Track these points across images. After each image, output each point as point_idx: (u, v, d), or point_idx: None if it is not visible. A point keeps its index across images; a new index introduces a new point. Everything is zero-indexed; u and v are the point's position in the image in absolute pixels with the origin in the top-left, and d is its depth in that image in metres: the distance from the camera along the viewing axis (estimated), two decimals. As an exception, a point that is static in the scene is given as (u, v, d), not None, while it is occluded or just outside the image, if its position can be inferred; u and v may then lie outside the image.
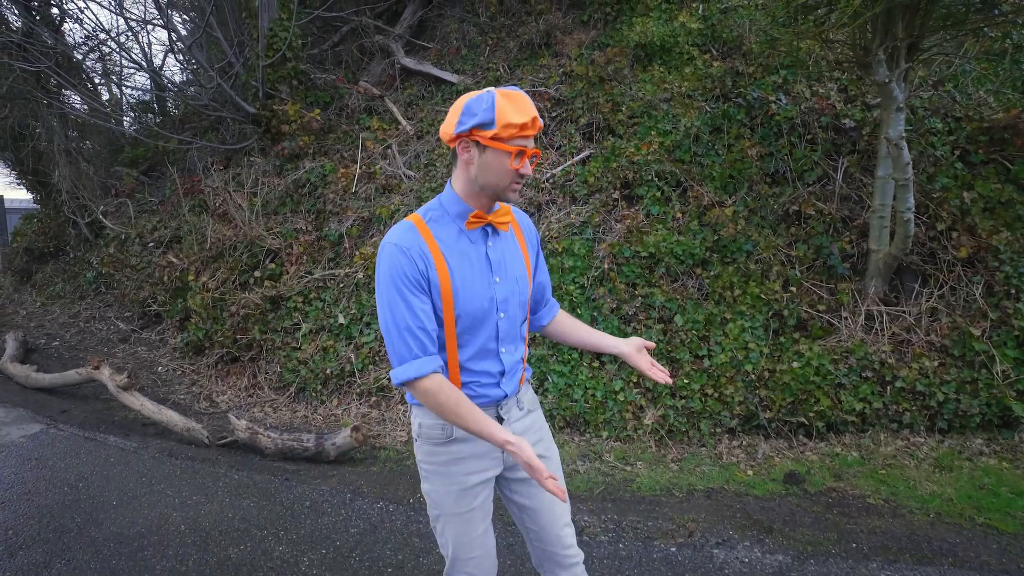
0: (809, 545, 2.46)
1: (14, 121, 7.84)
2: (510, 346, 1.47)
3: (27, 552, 2.48)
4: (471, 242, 1.41)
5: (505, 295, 1.43)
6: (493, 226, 1.43)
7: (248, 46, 7.42)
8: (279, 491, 3.03)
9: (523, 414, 1.53)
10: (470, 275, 1.38)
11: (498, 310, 1.42)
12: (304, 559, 2.40)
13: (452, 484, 1.45)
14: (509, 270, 1.45)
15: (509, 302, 1.44)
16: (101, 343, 6.44)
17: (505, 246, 1.47)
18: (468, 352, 1.41)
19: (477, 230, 1.42)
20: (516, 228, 1.53)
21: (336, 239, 5.61)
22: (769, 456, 3.52)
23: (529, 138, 1.34)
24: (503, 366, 1.45)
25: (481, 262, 1.41)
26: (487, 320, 1.41)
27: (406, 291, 1.32)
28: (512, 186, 1.36)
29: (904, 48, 3.59)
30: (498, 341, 1.44)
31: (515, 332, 1.48)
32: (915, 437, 3.54)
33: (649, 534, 2.56)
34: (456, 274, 1.37)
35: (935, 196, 4.25)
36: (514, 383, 1.49)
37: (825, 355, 3.79)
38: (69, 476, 3.20)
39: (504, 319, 1.43)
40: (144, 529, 2.65)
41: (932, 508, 2.79)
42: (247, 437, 3.77)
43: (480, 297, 1.38)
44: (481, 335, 1.41)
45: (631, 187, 4.97)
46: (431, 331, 1.35)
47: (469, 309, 1.38)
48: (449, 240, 1.38)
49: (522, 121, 1.29)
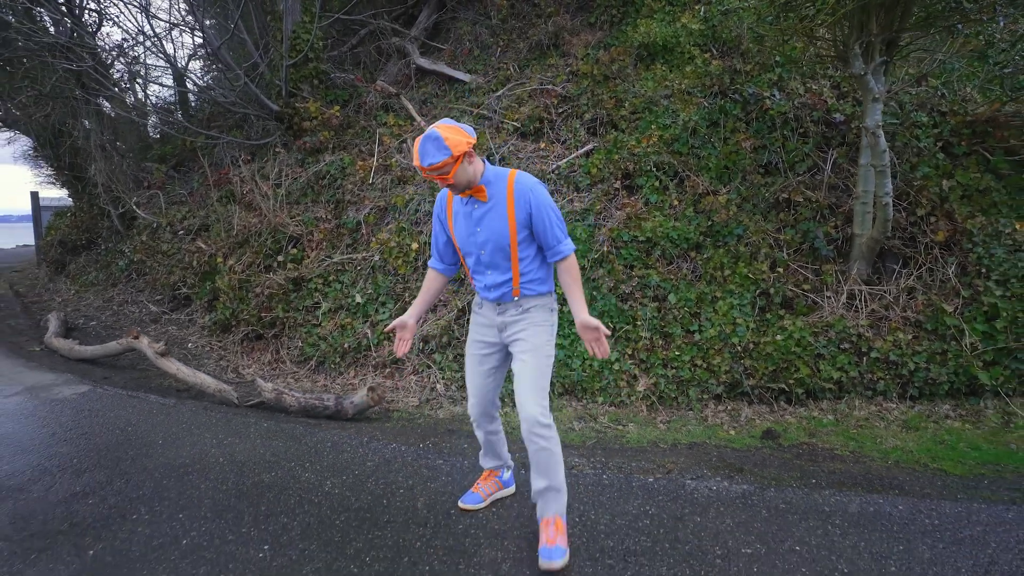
0: (773, 480, 2.75)
1: (55, 119, 8.35)
2: (494, 271, 2.21)
3: (91, 474, 2.85)
4: (463, 204, 2.21)
5: (482, 240, 2.17)
6: (475, 197, 2.16)
7: (272, 47, 7.86)
8: (303, 435, 3.38)
9: (518, 313, 2.22)
10: (461, 224, 2.23)
11: (479, 247, 2.19)
12: (327, 483, 2.75)
13: (471, 334, 2.39)
14: (488, 224, 2.15)
15: (487, 245, 2.17)
16: (134, 323, 6.88)
17: (486, 209, 2.15)
18: (469, 267, 2.30)
19: (466, 198, 2.19)
20: (510, 196, 2.12)
21: (354, 226, 5.99)
22: (751, 419, 3.81)
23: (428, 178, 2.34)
24: (486, 281, 2.24)
25: (468, 217, 2.20)
26: (471, 253, 2.24)
27: (434, 221, 2.37)
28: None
29: (880, 43, 3.89)
30: (483, 266, 2.23)
31: (496, 263, 2.19)
32: (887, 403, 3.81)
33: (631, 471, 2.87)
34: (455, 221, 2.26)
35: (916, 184, 4.52)
36: (500, 293, 2.22)
37: (807, 329, 4.07)
38: (119, 422, 3.59)
39: (485, 254, 2.20)
40: (188, 460, 3.02)
41: (892, 457, 3.07)
42: (273, 398, 4.13)
43: (465, 238, 2.22)
44: (471, 260, 2.26)
45: (631, 177, 5.29)
46: (439, 248, 2.39)
47: (461, 244, 2.26)
48: (457, 201, 2.24)
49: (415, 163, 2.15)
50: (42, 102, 8.08)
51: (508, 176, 2.14)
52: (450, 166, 2.00)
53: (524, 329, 2.20)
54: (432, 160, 1.97)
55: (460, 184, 2.06)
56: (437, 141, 1.96)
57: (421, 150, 1.97)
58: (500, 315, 2.24)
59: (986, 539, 2.22)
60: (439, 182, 2.04)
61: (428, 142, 1.96)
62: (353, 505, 2.53)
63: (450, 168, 2.00)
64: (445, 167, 1.99)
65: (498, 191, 2.12)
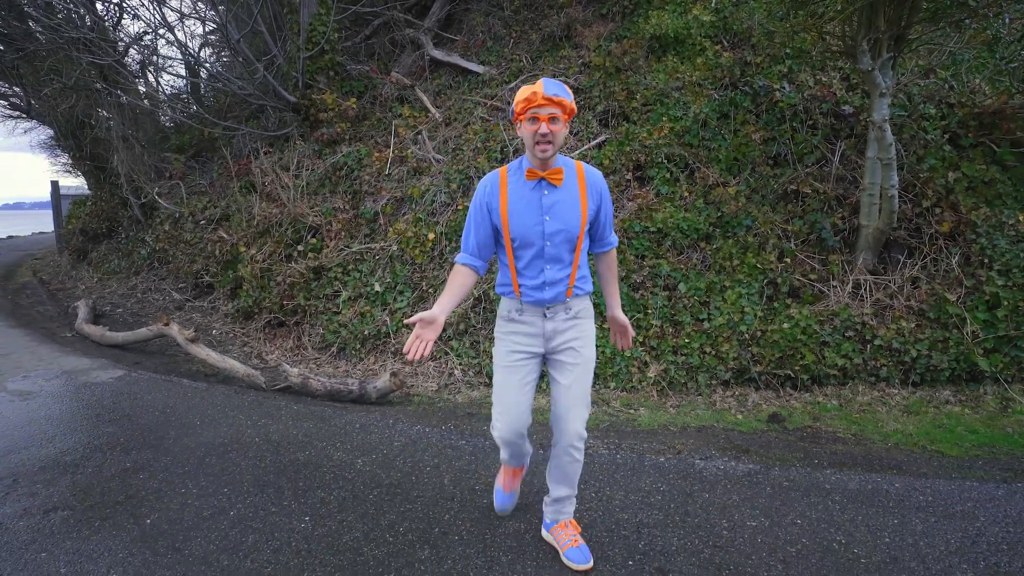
0: (777, 460, 2.92)
1: (79, 111, 8.55)
2: (555, 265, 1.98)
3: (138, 452, 3.07)
4: (530, 190, 1.96)
5: (552, 230, 1.94)
6: (547, 180, 1.94)
7: (289, 39, 8.00)
8: (332, 417, 3.58)
9: (568, 316, 2.06)
10: (523, 211, 1.95)
11: (545, 239, 1.95)
12: (358, 461, 2.95)
13: (503, 347, 2.10)
14: (560, 213, 1.94)
15: (556, 236, 1.95)
16: (159, 311, 7.12)
17: (560, 196, 1.95)
18: (522, 263, 2.00)
19: (534, 181, 1.95)
20: (582, 183, 1.99)
21: (371, 216, 6.16)
22: (758, 404, 3.97)
23: (539, 107, 1.84)
24: (545, 278, 1.99)
25: (535, 204, 1.95)
26: (534, 244, 1.96)
27: (475, 211, 2.02)
28: (537, 147, 1.87)
29: (888, 39, 3.98)
30: (543, 260, 1.97)
31: (560, 256, 1.98)
32: (890, 389, 3.96)
33: (643, 452, 3.05)
34: (512, 208, 1.96)
35: (922, 176, 4.62)
36: (556, 292, 2.00)
37: (813, 317, 4.21)
38: (157, 404, 3.81)
39: (550, 246, 1.96)
40: (227, 440, 3.23)
41: (892, 440, 3.22)
42: (299, 382, 4.34)
43: (529, 227, 1.94)
44: (530, 253, 1.97)
45: (643, 169, 5.42)
46: (479, 241, 2.02)
47: (519, 234, 1.96)
48: (516, 185, 1.98)
49: (524, 97, 1.87)
50: (66, 94, 8.27)
51: (576, 165, 2.02)
52: (565, 114, 1.88)
53: (577, 338, 2.06)
54: (560, 92, 1.84)
55: (556, 144, 1.88)
56: (563, 86, 1.88)
57: (548, 82, 1.84)
58: (550, 320, 2.04)
59: (976, 514, 2.38)
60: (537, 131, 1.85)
61: (554, 82, 1.86)
62: (384, 481, 2.73)
63: (562, 118, 1.87)
64: (567, 108, 1.87)
65: (570, 178, 1.98)
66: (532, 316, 2.04)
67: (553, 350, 2.07)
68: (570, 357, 2.05)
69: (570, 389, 2.04)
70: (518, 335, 2.07)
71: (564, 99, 1.85)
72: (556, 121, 1.86)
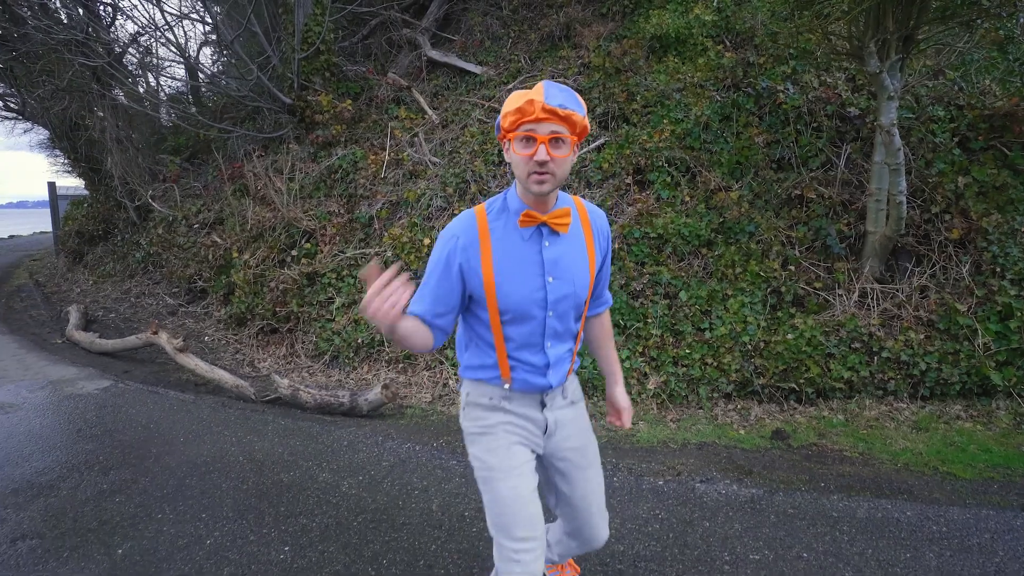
0: (782, 483, 2.80)
1: (72, 112, 8.44)
2: (556, 342, 1.49)
3: (117, 472, 2.96)
4: (523, 240, 1.41)
5: (558, 296, 1.42)
6: (549, 226, 1.41)
7: (284, 40, 7.87)
8: (320, 434, 3.47)
9: (566, 403, 1.59)
10: (517, 272, 1.40)
11: (548, 308, 1.43)
12: (344, 483, 2.83)
13: (496, 442, 1.50)
14: (566, 271, 1.43)
15: (562, 303, 1.44)
16: (152, 316, 7.01)
17: (566, 247, 1.44)
18: (514, 344, 1.46)
19: (531, 228, 1.41)
20: (586, 228, 1.49)
21: (367, 221, 6.04)
22: (761, 418, 3.84)
23: (537, 122, 1.28)
24: (547, 359, 1.48)
25: (532, 261, 1.41)
26: (533, 317, 1.43)
27: (438, 268, 1.41)
28: (532, 177, 1.31)
29: (896, 40, 3.84)
30: (544, 337, 1.46)
31: (565, 330, 1.49)
32: (898, 403, 3.82)
33: (641, 473, 2.92)
34: (501, 268, 1.39)
35: (931, 181, 4.48)
36: (560, 374, 1.52)
37: (818, 328, 4.07)
38: (141, 419, 3.70)
39: (553, 317, 1.44)
40: (209, 459, 3.11)
41: (901, 460, 3.09)
42: (289, 394, 4.22)
43: (525, 295, 1.40)
44: (526, 329, 1.44)
45: (643, 172, 5.29)
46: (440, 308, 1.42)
47: (513, 304, 1.40)
48: (503, 234, 1.41)
49: (515, 107, 1.29)
50: (58, 96, 8.17)
51: (576, 203, 1.52)
52: (574, 134, 1.33)
53: (580, 433, 1.61)
54: (568, 103, 1.30)
55: (559, 177, 1.33)
56: (572, 93, 1.33)
57: (550, 88, 1.30)
58: (548, 410, 1.55)
59: (994, 547, 2.25)
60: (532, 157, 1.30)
61: (559, 88, 1.32)
62: (370, 506, 2.61)
63: (569, 139, 1.32)
64: (577, 125, 1.32)
65: (574, 223, 1.48)
66: (525, 406, 1.52)
67: (555, 452, 1.58)
68: (576, 457, 1.60)
69: (588, 496, 1.62)
70: (514, 427, 1.52)
71: (573, 112, 1.29)
72: (560, 144, 1.30)
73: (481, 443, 1.52)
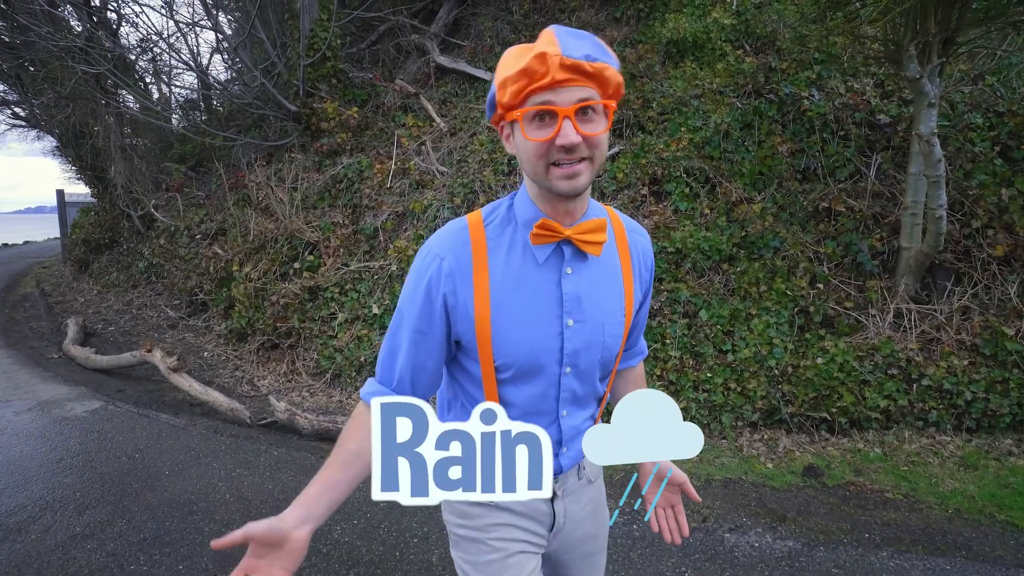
0: (821, 534, 2.51)
1: (75, 120, 8.34)
2: (575, 409, 1.08)
3: (93, 511, 2.74)
4: (535, 264, 0.99)
5: (579, 346, 1.01)
6: (575, 245, 0.98)
7: (290, 46, 7.71)
8: (314, 468, 3.21)
9: (582, 484, 1.16)
10: (523, 311, 0.98)
11: (564, 363, 1.02)
12: (337, 528, 2.59)
13: (487, 555, 1.09)
14: (591, 311, 1.01)
15: (583, 355, 1.02)
16: (152, 329, 6.84)
17: (595, 278, 1.02)
18: (516, 411, 1.03)
19: (548, 247, 0.99)
20: (623, 253, 1.07)
21: (371, 233, 5.82)
22: (790, 450, 3.56)
23: (554, 88, 0.86)
24: (561, 433, 1.08)
25: (546, 296, 0.99)
26: (544, 374, 1.02)
27: (413, 304, 1.00)
28: (555, 171, 0.90)
29: (937, 43, 3.56)
30: (558, 402, 1.05)
31: (586, 393, 1.08)
32: (941, 436, 3.52)
33: (664, 518, 2.65)
34: (501, 305, 0.97)
35: (971, 193, 4.18)
36: (576, 452, 1.11)
37: (850, 352, 3.78)
38: (126, 448, 3.48)
39: (571, 375, 1.03)
40: (194, 496, 2.89)
41: (952, 504, 2.80)
42: (286, 418, 4.00)
43: (534, 344, 0.99)
44: (534, 391, 1.03)
45: (660, 183, 5.02)
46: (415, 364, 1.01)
47: (516, 357, 0.99)
48: (507, 256, 0.99)
49: (519, 68, 0.86)
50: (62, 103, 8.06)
51: (610, 215, 1.09)
52: (608, 95, 0.91)
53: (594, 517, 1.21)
54: (595, 54, 0.88)
55: (596, 164, 0.93)
56: (595, 39, 0.91)
57: (565, 36, 0.88)
58: (559, 500, 1.13)
59: (1073, 620, 1.96)
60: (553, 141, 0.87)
61: (577, 34, 0.90)
62: (364, 557, 2.37)
63: (603, 106, 0.90)
64: (608, 83, 0.90)
65: (608, 243, 1.06)
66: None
67: (560, 548, 1.18)
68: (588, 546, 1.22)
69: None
70: (511, 528, 1.10)
71: (604, 65, 0.88)
72: (593, 116, 0.89)
73: (468, 550, 1.10)
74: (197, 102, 10.94)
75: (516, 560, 1.09)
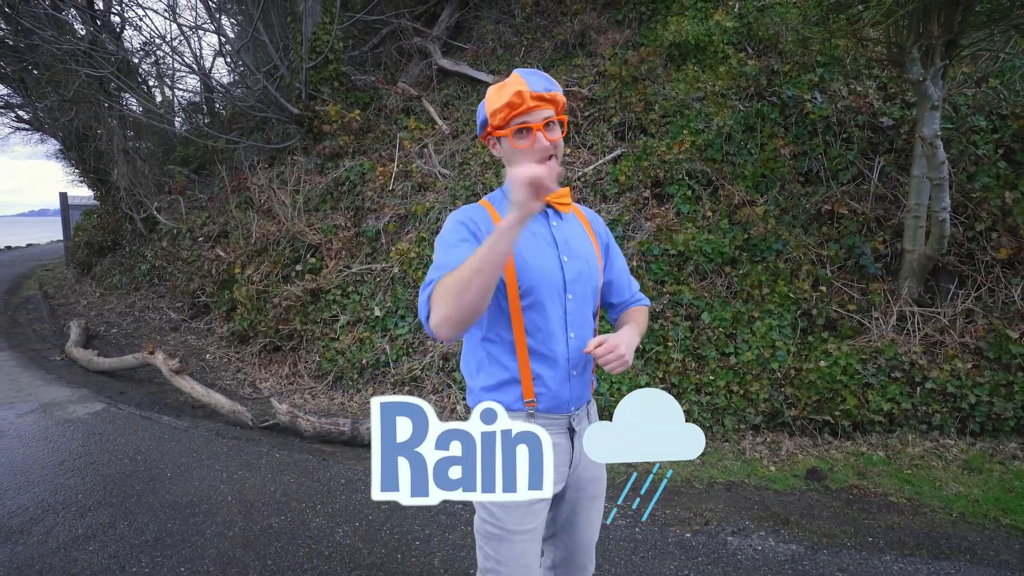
0: (824, 537, 2.50)
1: (79, 123, 8.37)
2: (576, 331, 1.37)
3: (95, 513, 2.73)
4: (534, 220, 1.38)
5: (574, 276, 1.37)
6: (553, 207, 1.42)
7: (292, 49, 7.74)
8: (316, 470, 3.22)
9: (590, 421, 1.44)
10: (536, 249, 1.35)
11: (566, 290, 1.35)
12: (339, 530, 2.58)
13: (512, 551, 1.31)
14: (577, 250, 1.40)
15: (579, 283, 1.37)
16: (154, 331, 6.85)
17: (571, 227, 1.44)
18: (536, 336, 1.32)
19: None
20: (580, 215, 1.50)
21: (373, 235, 5.83)
22: (793, 453, 3.54)
23: (529, 112, 1.30)
24: (569, 352, 1.34)
25: (546, 239, 1.38)
26: (554, 298, 1.33)
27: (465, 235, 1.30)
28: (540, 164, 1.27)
29: (940, 46, 3.55)
30: (566, 324, 1.35)
31: (585, 318, 1.39)
32: (945, 439, 3.50)
33: (666, 521, 2.64)
34: (519, 244, 1.30)
35: (975, 196, 4.17)
36: (584, 385, 1.39)
37: (853, 355, 3.77)
38: (128, 449, 3.48)
39: (572, 300, 1.36)
40: (195, 498, 2.88)
41: (956, 508, 2.78)
42: (288, 420, 3.99)
43: (547, 271, 1.33)
44: (548, 316, 1.33)
45: (662, 186, 5.02)
46: None
47: (536, 282, 1.31)
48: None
49: (504, 102, 1.30)
50: (66, 107, 8.09)
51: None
52: (559, 113, 1.38)
53: (599, 466, 1.46)
54: (551, 85, 1.35)
55: (559, 159, 1.37)
56: (545, 75, 1.37)
57: (529, 76, 1.34)
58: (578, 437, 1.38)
59: (1079, 625, 1.95)
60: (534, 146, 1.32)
61: (534, 73, 1.36)
62: (365, 560, 2.36)
63: (558, 120, 1.37)
64: (560, 104, 1.36)
65: (570, 214, 1.49)
66: (554, 432, 1.32)
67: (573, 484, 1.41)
68: (594, 487, 1.45)
69: (590, 527, 1.47)
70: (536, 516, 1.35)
71: (556, 93, 1.34)
72: (554, 127, 1.34)
73: (491, 543, 1.32)
74: (200, 105, 10.99)
75: (542, 514, 1.33)
